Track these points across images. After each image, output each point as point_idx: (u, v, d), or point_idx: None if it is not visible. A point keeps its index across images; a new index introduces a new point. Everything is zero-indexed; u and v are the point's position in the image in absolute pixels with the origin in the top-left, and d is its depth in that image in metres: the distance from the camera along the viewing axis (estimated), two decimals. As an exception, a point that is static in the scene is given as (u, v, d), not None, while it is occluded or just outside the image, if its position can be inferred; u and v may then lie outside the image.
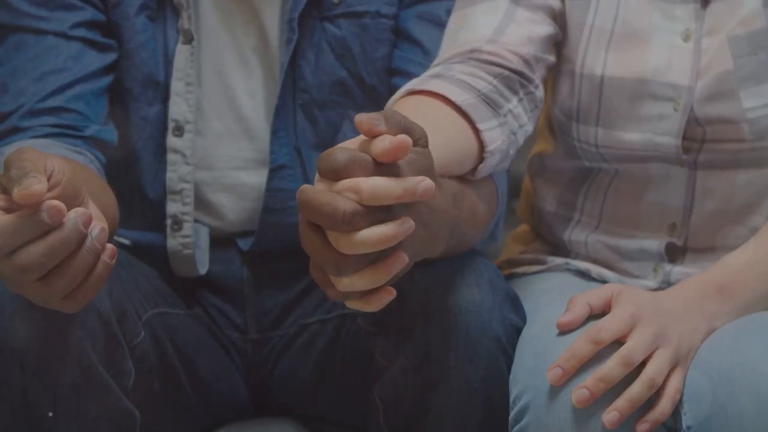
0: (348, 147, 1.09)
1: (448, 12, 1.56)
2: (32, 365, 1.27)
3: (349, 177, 1.07)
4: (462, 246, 1.38)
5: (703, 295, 1.39)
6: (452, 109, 1.36)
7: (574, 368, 1.30)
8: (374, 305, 1.11)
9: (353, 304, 1.12)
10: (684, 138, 1.49)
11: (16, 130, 1.47)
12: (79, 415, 1.31)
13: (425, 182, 1.08)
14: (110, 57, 1.54)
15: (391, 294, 1.11)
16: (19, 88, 1.49)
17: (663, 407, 1.30)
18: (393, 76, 1.58)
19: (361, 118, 1.08)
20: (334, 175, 1.07)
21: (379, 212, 1.07)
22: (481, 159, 1.36)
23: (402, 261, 1.09)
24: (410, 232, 1.08)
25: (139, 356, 1.43)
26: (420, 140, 1.13)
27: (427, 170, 1.12)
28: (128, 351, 1.38)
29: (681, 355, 1.33)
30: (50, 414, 1.29)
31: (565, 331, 1.35)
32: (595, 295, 1.37)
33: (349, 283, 1.09)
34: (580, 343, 1.30)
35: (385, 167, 1.08)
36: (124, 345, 1.36)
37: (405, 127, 1.11)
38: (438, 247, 1.21)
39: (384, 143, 1.07)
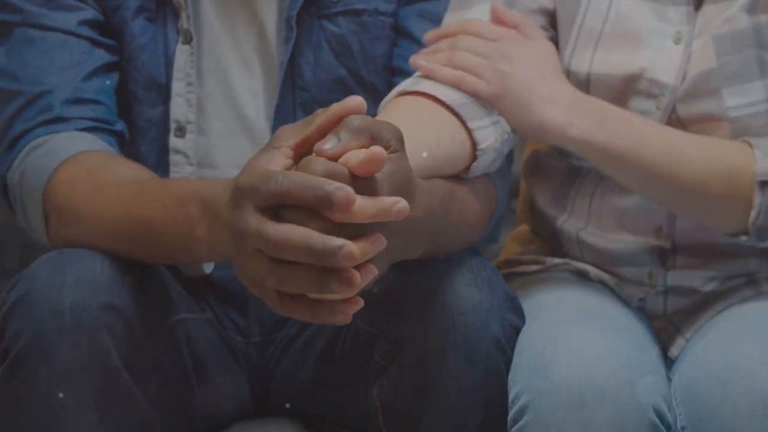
0: (326, 157, 1.09)
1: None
2: (59, 369, 1.28)
3: None
4: (450, 247, 1.38)
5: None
6: (443, 108, 1.37)
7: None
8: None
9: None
10: (666, 137, 1.49)
11: (59, 120, 1.46)
12: (103, 421, 1.31)
13: (400, 204, 1.08)
14: (113, 57, 1.54)
15: (358, 304, 1.12)
16: (34, 75, 1.47)
17: None
18: (393, 75, 1.58)
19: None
20: None
21: (352, 229, 1.08)
22: (474, 158, 1.37)
23: (371, 274, 1.10)
24: (382, 248, 1.09)
25: (160, 362, 1.42)
26: (391, 143, 1.14)
27: (405, 181, 1.12)
28: (151, 357, 1.38)
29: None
30: (76, 417, 1.30)
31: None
32: None
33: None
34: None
35: (361, 181, 1.09)
36: (148, 352, 1.36)
37: (373, 132, 1.11)
38: (415, 252, 1.22)
39: (357, 157, 1.08)
